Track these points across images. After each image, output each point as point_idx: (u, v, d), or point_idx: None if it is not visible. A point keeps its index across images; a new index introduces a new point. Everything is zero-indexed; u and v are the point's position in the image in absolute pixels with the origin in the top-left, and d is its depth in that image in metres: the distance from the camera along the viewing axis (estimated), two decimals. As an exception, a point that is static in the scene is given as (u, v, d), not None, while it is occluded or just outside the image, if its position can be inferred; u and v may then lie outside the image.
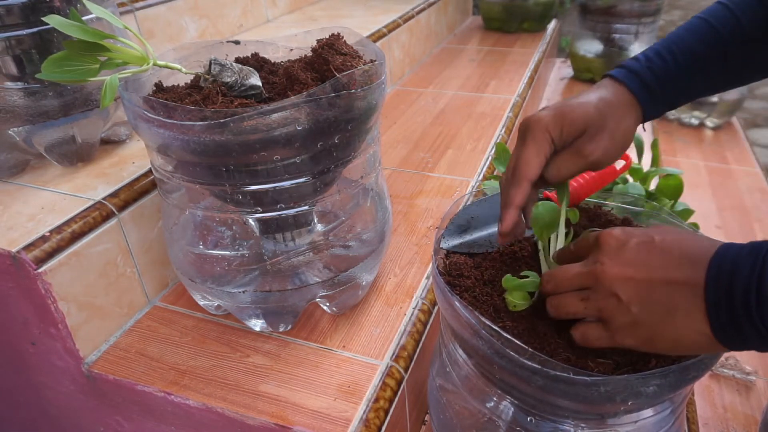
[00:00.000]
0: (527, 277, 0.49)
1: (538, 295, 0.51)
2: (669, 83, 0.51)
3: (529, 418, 0.48)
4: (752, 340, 0.34)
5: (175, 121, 0.47)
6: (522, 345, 0.42)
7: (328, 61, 0.54)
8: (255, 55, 0.62)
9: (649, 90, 0.50)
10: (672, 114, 1.76)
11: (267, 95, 0.54)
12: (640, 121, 0.51)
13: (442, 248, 0.56)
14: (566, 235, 0.52)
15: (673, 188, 0.72)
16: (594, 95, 0.50)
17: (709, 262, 0.36)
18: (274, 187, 0.53)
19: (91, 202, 0.63)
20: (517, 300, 0.49)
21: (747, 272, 0.33)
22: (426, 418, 0.72)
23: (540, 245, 0.50)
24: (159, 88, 0.56)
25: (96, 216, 0.62)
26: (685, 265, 0.37)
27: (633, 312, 0.38)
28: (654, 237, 0.39)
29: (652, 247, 0.39)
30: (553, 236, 0.51)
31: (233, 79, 0.52)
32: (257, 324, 0.64)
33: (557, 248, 0.51)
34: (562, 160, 0.48)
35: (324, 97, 0.48)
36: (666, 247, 0.38)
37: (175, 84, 0.57)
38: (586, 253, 0.43)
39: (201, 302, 0.67)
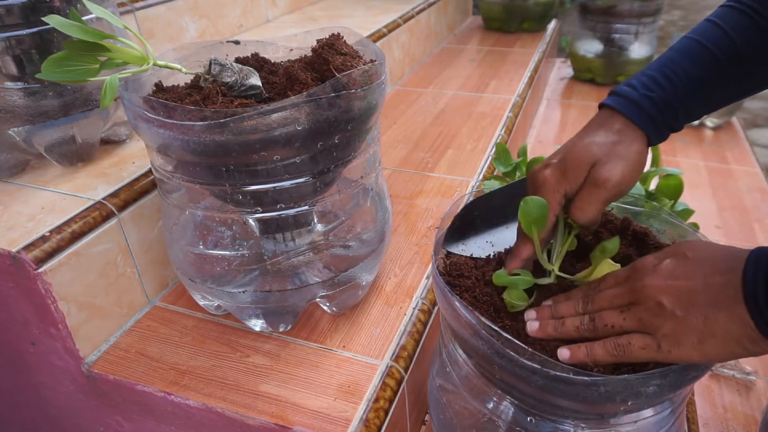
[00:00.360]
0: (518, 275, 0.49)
1: (537, 294, 0.51)
2: (669, 110, 0.50)
3: (529, 418, 0.48)
4: None
5: (175, 121, 0.47)
6: (522, 345, 0.42)
7: (328, 61, 0.54)
8: (255, 55, 0.62)
9: (651, 118, 0.50)
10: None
11: (267, 95, 0.54)
12: (647, 146, 0.51)
13: (442, 248, 0.56)
14: (567, 237, 0.51)
15: (673, 188, 0.72)
16: (596, 134, 0.49)
17: (746, 262, 0.37)
18: (274, 187, 0.53)
19: (91, 202, 0.63)
20: (515, 300, 0.49)
21: None
22: (426, 418, 0.72)
23: (535, 247, 0.50)
24: (159, 88, 0.56)
25: (96, 216, 0.62)
26: (722, 270, 0.39)
27: (678, 316, 0.39)
28: (686, 253, 0.41)
29: (688, 261, 0.41)
30: (555, 241, 0.51)
31: (233, 79, 0.52)
32: (257, 324, 0.64)
33: (558, 250, 0.50)
34: (581, 199, 0.48)
35: (324, 97, 0.48)
36: (700, 258, 0.40)
37: (175, 84, 0.57)
38: (616, 285, 0.45)
39: (201, 302, 0.67)
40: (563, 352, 0.43)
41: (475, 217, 0.58)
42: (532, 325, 0.46)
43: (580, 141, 0.49)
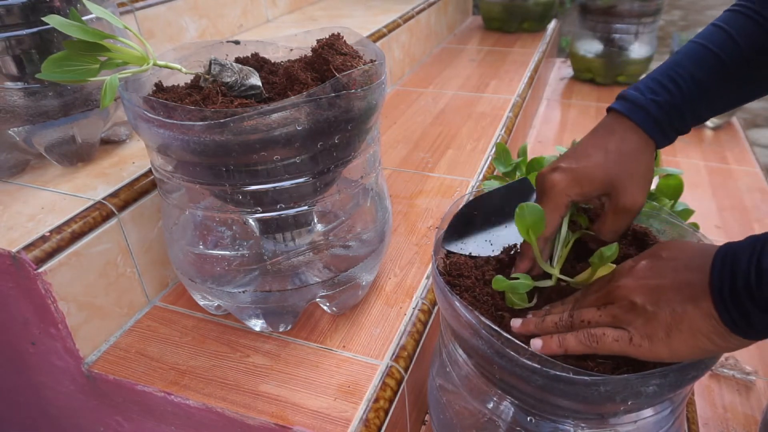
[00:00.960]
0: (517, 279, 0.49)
1: (538, 297, 0.51)
2: (675, 113, 0.51)
3: (529, 418, 0.48)
4: (758, 325, 0.35)
5: (175, 121, 0.47)
6: (522, 344, 0.42)
7: (328, 61, 0.54)
8: (255, 55, 0.62)
9: (657, 122, 0.50)
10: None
11: (267, 95, 0.54)
12: (654, 150, 0.51)
13: (442, 248, 0.56)
14: (567, 241, 0.52)
15: (673, 188, 0.72)
16: (606, 147, 0.50)
17: (713, 257, 0.39)
18: (274, 187, 0.53)
19: (91, 202, 0.63)
20: (517, 300, 0.49)
21: (747, 256, 0.36)
22: (426, 418, 0.72)
23: (534, 252, 0.50)
24: (159, 88, 0.56)
25: (96, 216, 0.62)
26: (691, 267, 0.40)
27: (649, 310, 0.40)
28: (661, 253, 0.43)
29: (661, 261, 0.42)
30: (557, 244, 0.51)
31: (233, 79, 0.52)
32: (257, 324, 0.64)
33: (560, 254, 0.51)
34: (612, 223, 0.50)
35: (324, 97, 0.48)
36: (673, 257, 0.42)
37: (175, 84, 0.57)
38: (599, 289, 0.46)
39: (201, 302, 0.67)
40: (536, 343, 0.44)
41: (474, 216, 0.58)
42: (515, 322, 0.48)
43: (594, 153, 0.50)
